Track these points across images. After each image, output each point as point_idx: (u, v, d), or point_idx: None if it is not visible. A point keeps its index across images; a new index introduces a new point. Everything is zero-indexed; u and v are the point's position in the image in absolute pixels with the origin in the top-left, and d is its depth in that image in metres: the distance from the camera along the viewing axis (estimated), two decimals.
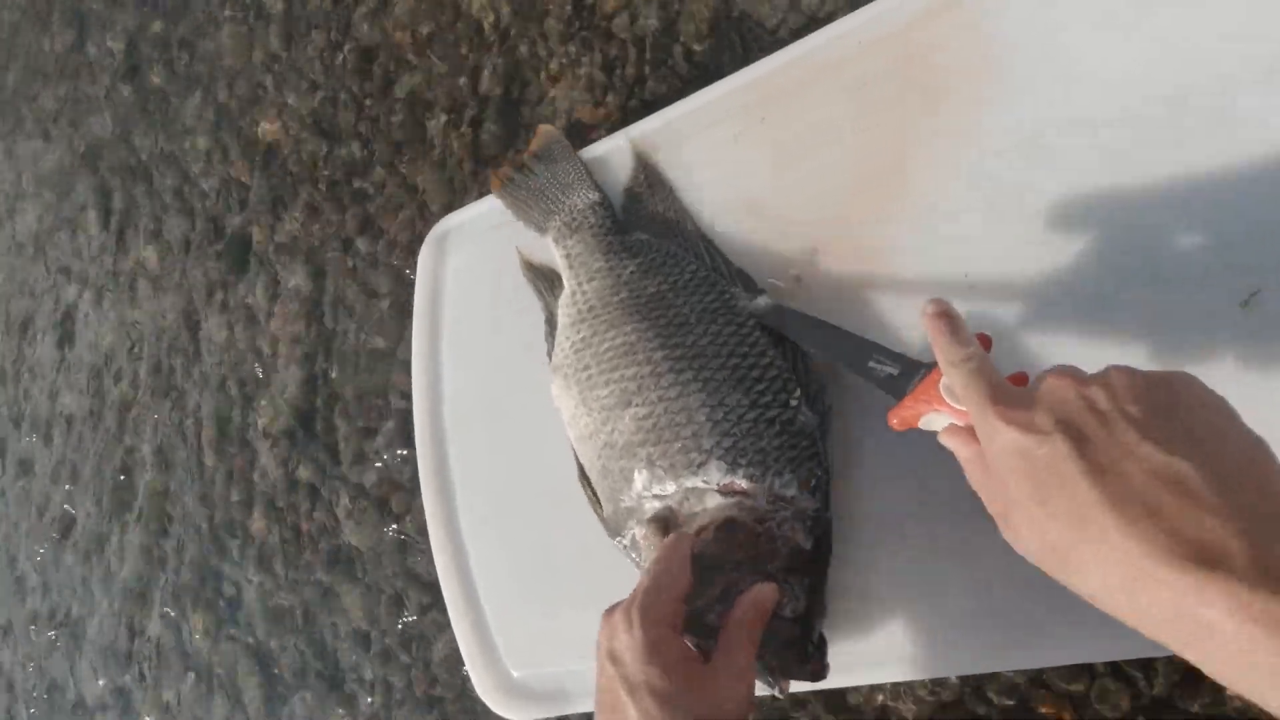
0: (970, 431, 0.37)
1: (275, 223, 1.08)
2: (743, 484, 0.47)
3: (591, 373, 0.55)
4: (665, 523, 0.49)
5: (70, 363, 1.37)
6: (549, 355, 0.60)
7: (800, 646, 0.44)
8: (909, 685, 0.54)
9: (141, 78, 1.31)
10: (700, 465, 0.48)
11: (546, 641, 0.58)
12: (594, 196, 0.63)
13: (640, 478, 0.50)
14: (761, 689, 0.43)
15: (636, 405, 0.51)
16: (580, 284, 0.58)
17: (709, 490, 0.47)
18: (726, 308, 0.52)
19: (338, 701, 0.92)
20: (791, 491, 0.46)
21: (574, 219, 0.62)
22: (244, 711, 1.01)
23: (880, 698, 0.57)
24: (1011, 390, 0.35)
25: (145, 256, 1.26)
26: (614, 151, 0.64)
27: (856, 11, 0.54)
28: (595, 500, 0.55)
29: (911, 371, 0.43)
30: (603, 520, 0.54)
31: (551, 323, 0.61)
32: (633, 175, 0.62)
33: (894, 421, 0.42)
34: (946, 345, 0.37)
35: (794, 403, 0.48)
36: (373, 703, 0.90)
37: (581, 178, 0.64)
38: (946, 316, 0.38)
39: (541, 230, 0.65)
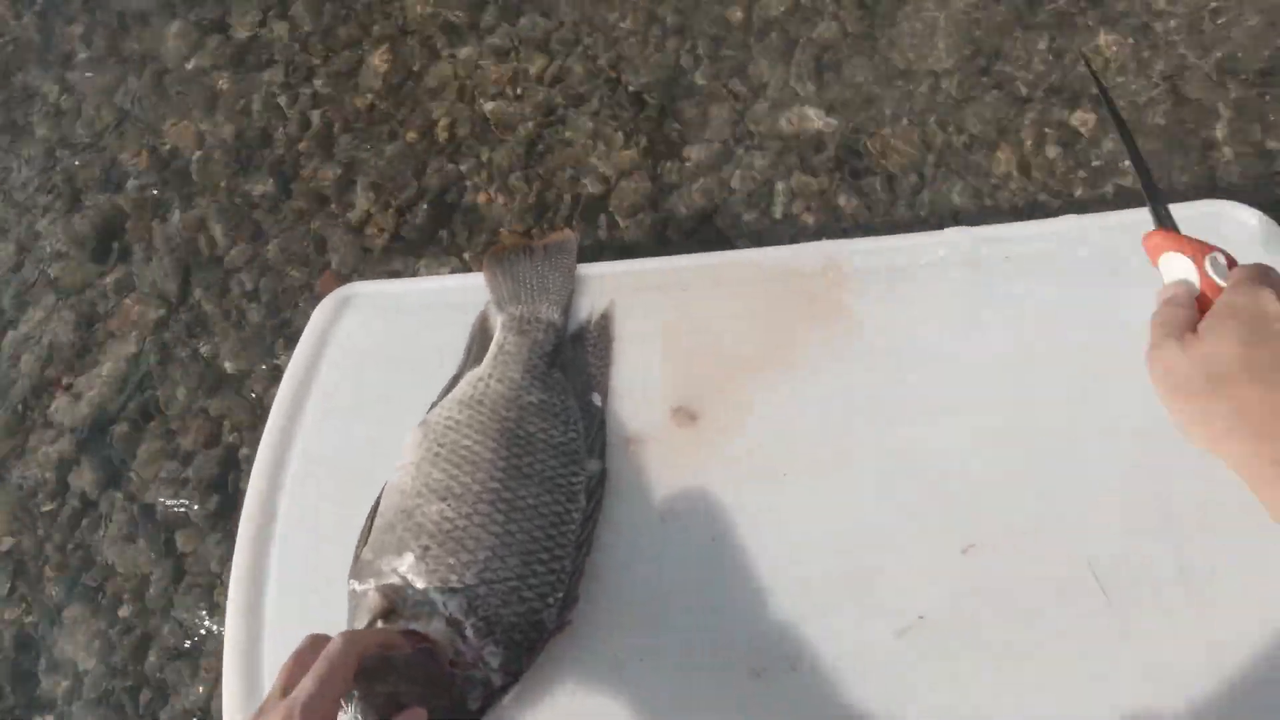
0: (1196, 302, 0.44)
1: (155, 219, 1.04)
2: (468, 633, 0.52)
3: (441, 452, 0.60)
4: (391, 602, 0.53)
5: None
6: (432, 405, 0.65)
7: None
8: None
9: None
10: (452, 592, 0.53)
11: None
12: (556, 318, 0.69)
13: (407, 558, 0.55)
14: None
15: (449, 505, 0.57)
16: (490, 376, 0.64)
17: (440, 615, 0.52)
18: (564, 485, 0.60)
19: None
20: (496, 663, 0.52)
21: (527, 323, 0.68)
22: None
23: None
24: None
25: None
26: (601, 278, 0.73)
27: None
28: (364, 538, 0.59)
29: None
30: (355, 556, 0.58)
31: (454, 381, 0.67)
32: (594, 319, 0.70)
33: (1149, 244, 0.49)
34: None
35: (551, 603, 0.55)
36: None
37: (561, 295, 0.70)
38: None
39: (498, 309, 0.70)
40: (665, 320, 0.69)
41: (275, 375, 0.89)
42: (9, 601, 0.86)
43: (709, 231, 0.86)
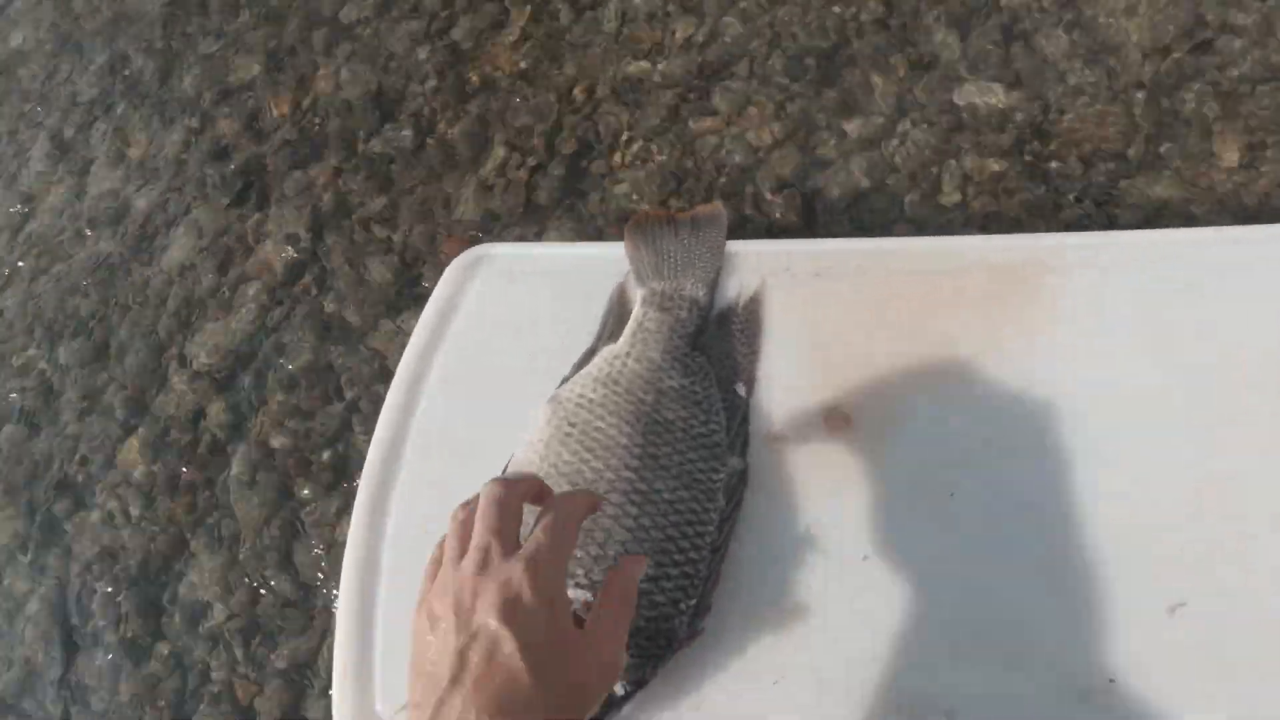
0: None
1: (293, 168, 1.05)
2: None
3: (572, 433, 0.56)
4: None
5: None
6: (563, 380, 0.61)
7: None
8: None
9: None
10: (578, 588, 0.50)
11: None
12: (701, 296, 0.64)
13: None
14: None
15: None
16: (627, 355, 0.60)
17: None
18: (703, 481, 0.54)
19: (135, 664, 0.83)
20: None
21: (669, 300, 0.63)
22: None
23: None
24: None
25: (133, 137, 1.20)
26: (749, 256, 0.67)
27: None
28: None
29: None
30: None
31: (588, 356, 0.62)
32: (742, 301, 0.64)
33: None
34: None
35: (683, 609, 0.50)
36: (174, 686, 0.81)
37: (708, 272, 0.65)
38: None
39: (639, 282, 0.66)
40: (822, 308, 0.62)
41: (398, 332, 0.87)
42: (137, 529, 0.89)
43: (863, 213, 0.78)
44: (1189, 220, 0.68)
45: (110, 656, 0.84)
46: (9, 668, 0.87)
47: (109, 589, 0.87)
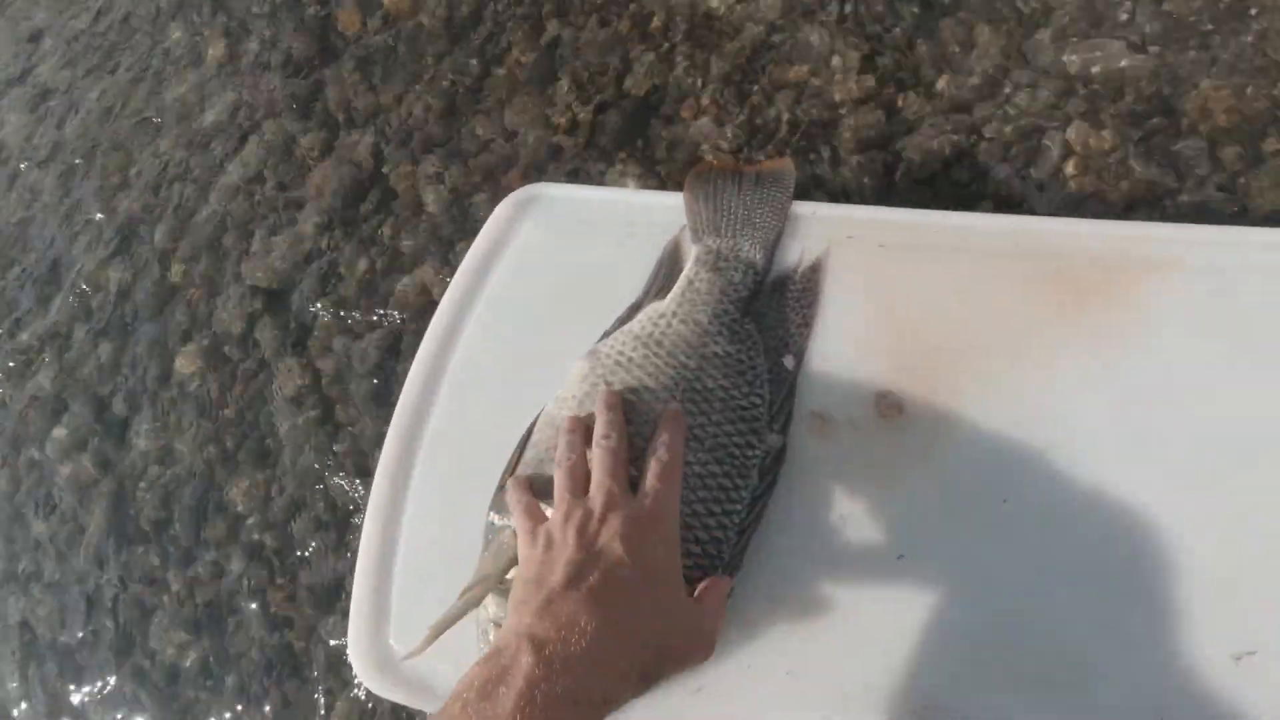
0: None
1: (359, 85, 1.03)
2: None
3: (607, 390, 0.54)
4: None
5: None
6: (605, 333, 0.59)
7: None
8: None
9: None
10: None
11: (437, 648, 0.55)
12: (758, 258, 0.60)
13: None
14: None
15: None
16: (674, 315, 0.57)
17: None
18: (737, 456, 0.51)
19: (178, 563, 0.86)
20: None
21: (723, 259, 0.60)
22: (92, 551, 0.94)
23: None
24: None
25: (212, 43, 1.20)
26: (814, 220, 0.62)
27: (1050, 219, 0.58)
28: (511, 468, 0.54)
29: None
30: (499, 486, 0.53)
31: (633, 311, 0.60)
32: (801, 268, 0.60)
33: None
34: None
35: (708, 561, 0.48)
36: (200, 575, 0.84)
37: (768, 233, 0.61)
38: None
39: (694, 238, 0.62)
40: (886, 284, 0.57)
41: (447, 263, 0.86)
42: (184, 438, 0.92)
43: (946, 184, 0.72)
44: None
45: (157, 560, 0.87)
46: (64, 556, 0.92)
47: (160, 493, 0.90)
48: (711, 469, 0.50)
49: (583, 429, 0.49)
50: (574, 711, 0.34)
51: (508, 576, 0.48)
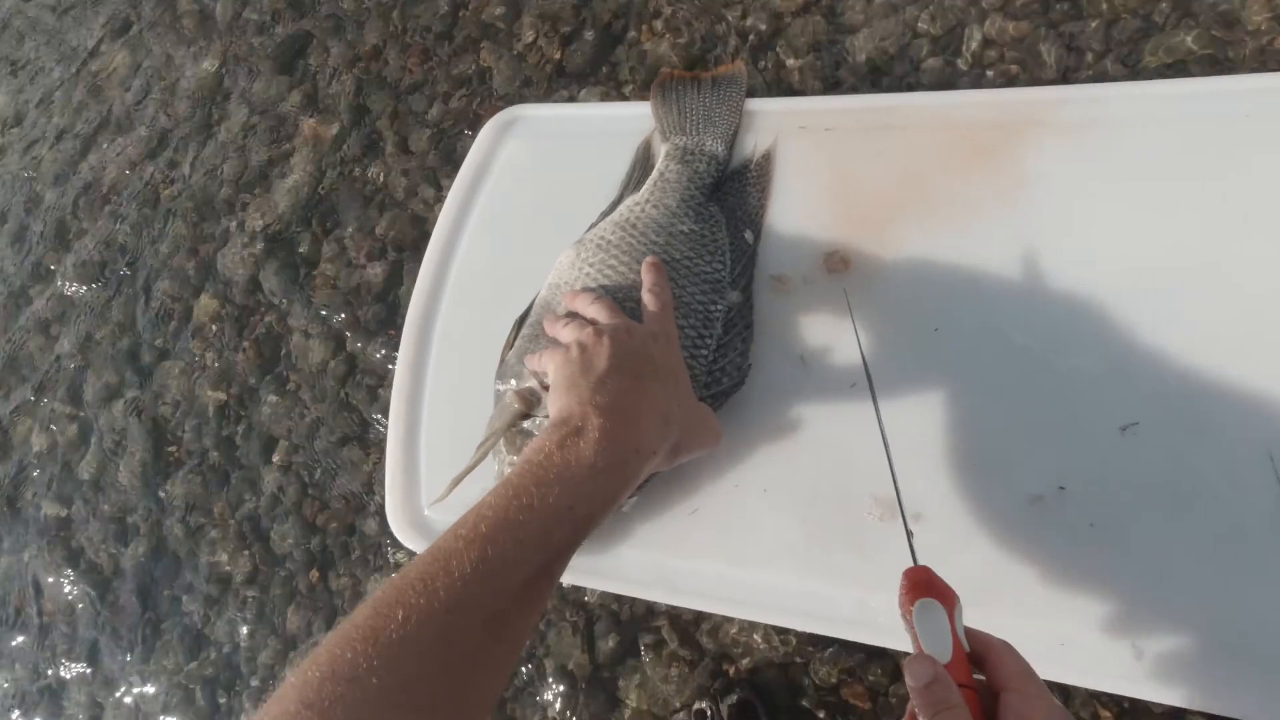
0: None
1: (336, 41, 1.09)
2: None
3: (589, 270, 0.62)
4: (528, 404, 0.56)
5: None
6: (589, 228, 0.66)
7: None
8: None
9: None
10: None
11: (460, 496, 0.64)
12: (720, 151, 0.68)
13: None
14: None
15: None
16: (646, 202, 0.65)
17: None
18: (701, 312, 0.60)
19: (216, 487, 0.95)
20: None
21: (690, 154, 0.68)
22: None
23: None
24: None
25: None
26: (766, 114, 0.70)
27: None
28: (509, 343, 0.62)
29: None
30: (501, 359, 0.61)
31: (613, 206, 0.68)
32: (756, 156, 0.68)
33: (911, 583, 0.38)
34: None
35: None
36: (255, 505, 0.93)
37: (727, 129, 0.69)
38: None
39: (663, 138, 0.70)
40: (830, 163, 0.66)
41: (438, 197, 0.93)
42: (209, 378, 1.00)
43: (885, 79, 0.80)
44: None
45: (196, 480, 0.96)
46: (112, 493, 1.00)
47: (194, 422, 0.98)
48: (680, 324, 0.59)
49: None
50: (634, 458, 0.43)
51: (520, 427, 0.56)
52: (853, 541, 0.55)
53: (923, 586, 0.38)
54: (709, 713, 0.64)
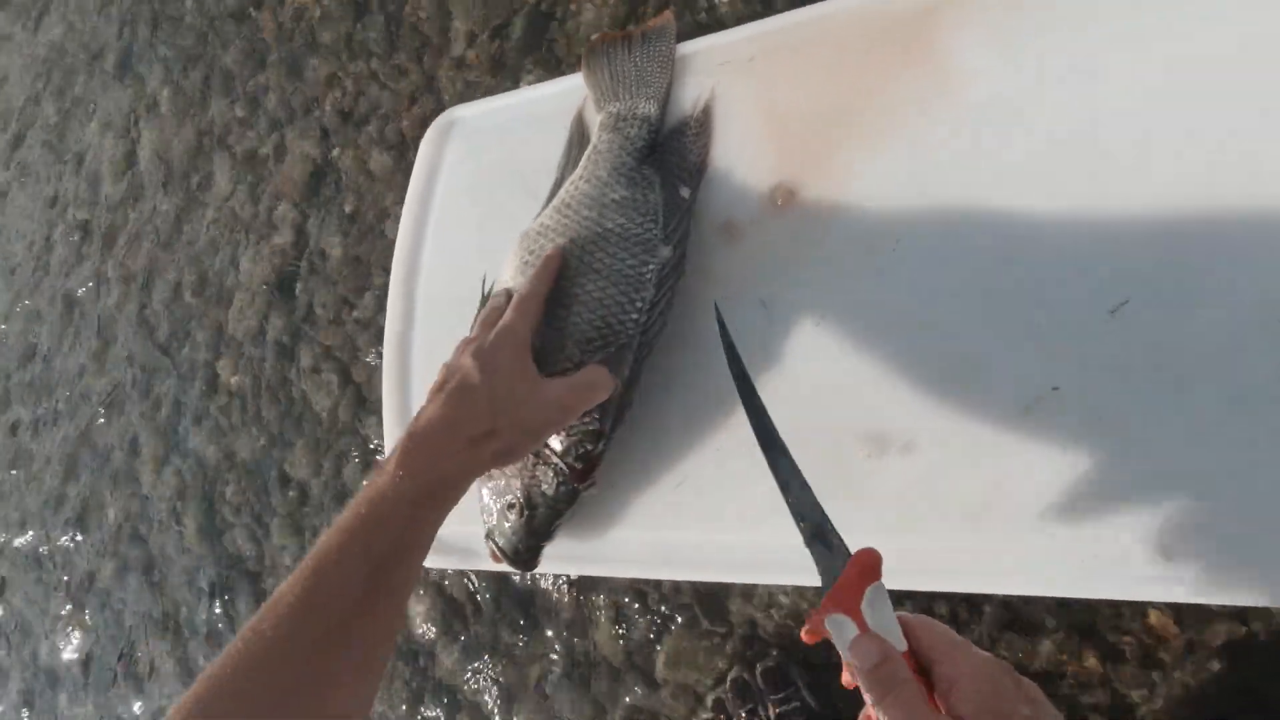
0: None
1: (291, 79, 1.10)
2: None
3: (529, 260, 0.61)
4: None
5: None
6: (536, 215, 0.65)
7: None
8: None
9: None
10: None
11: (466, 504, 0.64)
12: (653, 112, 0.65)
13: None
14: None
15: None
16: (580, 178, 0.63)
17: None
18: (630, 276, 0.58)
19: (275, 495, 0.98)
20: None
21: (622, 120, 0.65)
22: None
23: None
24: None
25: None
26: (693, 57, 0.67)
27: None
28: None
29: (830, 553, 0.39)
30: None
31: (555, 188, 0.66)
32: (696, 109, 0.65)
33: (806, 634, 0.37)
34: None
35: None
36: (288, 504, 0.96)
37: (659, 87, 0.66)
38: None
39: (597, 108, 0.67)
40: (757, 94, 0.62)
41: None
42: (241, 429, 1.03)
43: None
44: None
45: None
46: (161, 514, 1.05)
47: (230, 482, 1.02)
48: (609, 290, 0.57)
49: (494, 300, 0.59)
50: (432, 466, 0.47)
51: None
52: (844, 485, 0.52)
53: (872, 571, 0.37)
54: (746, 680, 0.62)
